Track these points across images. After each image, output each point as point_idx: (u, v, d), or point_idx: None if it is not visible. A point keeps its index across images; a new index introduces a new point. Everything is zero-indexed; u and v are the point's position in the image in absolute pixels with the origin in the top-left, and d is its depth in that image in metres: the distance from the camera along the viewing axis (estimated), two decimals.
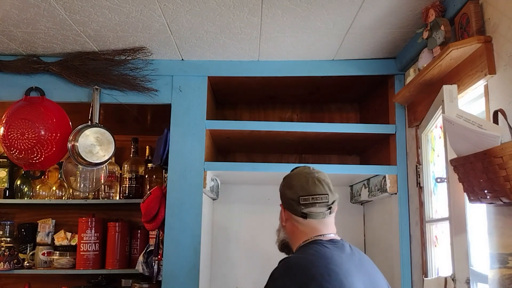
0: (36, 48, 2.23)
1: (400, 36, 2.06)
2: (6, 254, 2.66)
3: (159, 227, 2.31)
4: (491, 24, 1.48)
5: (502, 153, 1.16)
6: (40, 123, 2.24)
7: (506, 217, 1.33)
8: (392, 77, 2.32)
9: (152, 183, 2.86)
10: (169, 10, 1.82)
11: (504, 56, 1.40)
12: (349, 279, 1.36)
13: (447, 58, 1.62)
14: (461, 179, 1.37)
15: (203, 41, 2.12)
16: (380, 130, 2.32)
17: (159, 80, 2.34)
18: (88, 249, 2.70)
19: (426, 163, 2.01)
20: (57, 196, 2.89)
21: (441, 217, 1.87)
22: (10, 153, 2.27)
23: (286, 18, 1.88)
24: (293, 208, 1.56)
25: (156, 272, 2.40)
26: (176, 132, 2.30)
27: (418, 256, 2.06)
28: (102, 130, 2.33)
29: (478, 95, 1.62)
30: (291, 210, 1.57)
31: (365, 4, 1.76)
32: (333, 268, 1.37)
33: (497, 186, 1.20)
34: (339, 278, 1.34)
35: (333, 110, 2.93)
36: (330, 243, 1.49)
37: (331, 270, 1.36)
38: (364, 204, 2.82)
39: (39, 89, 2.31)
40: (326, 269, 1.36)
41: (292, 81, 2.45)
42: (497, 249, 1.36)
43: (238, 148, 2.82)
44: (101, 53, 2.26)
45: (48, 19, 1.92)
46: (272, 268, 1.41)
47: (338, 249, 1.47)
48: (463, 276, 1.47)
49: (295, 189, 1.57)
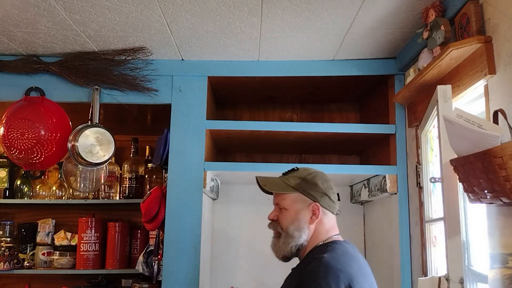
0: (36, 48, 2.23)
1: (400, 36, 2.06)
2: (6, 254, 2.66)
3: (159, 227, 2.31)
4: (491, 24, 1.48)
5: (502, 153, 1.16)
6: (40, 123, 2.24)
7: (506, 217, 1.33)
8: (392, 77, 2.32)
9: (152, 183, 2.86)
10: (169, 10, 1.82)
11: (504, 56, 1.40)
12: (372, 279, 1.46)
13: (447, 58, 1.62)
14: (461, 179, 1.37)
15: (203, 41, 2.12)
16: (380, 130, 2.32)
17: (159, 80, 2.34)
18: (88, 249, 2.70)
19: (426, 163, 2.01)
20: (57, 196, 2.89)
21: (438, 217, 1.87)
22: (10, 153, 2.27)
23: (286, 18, 1.88)
24: (330, 204, 1.55)
25: (156, 272, 2.39)
26: (176, 132, 2.30)
27: (418, 256, 2.06)
28: (102, 130, 2.33)
29: (478, 95, 1.62)
30: (328, 206, 1.54)
31: (365, 4, 1.76)
32: (364, 268, 1.45)
33: (497, 186, 1.20)
34: (370, 278, 1.44)
35: (333, 110, 2.93)
36: (346, 243, 1.53)
37: (364, 270, 1.44)
38: (364, 204, 2.82)
39: (39, 89, 2.31)
40: (360, 269, 1.41)
41: (292, 81, 2.45)
42: (497, 249, 1.36)
43: (238, 148, 2.82)
44: (101, 53, 2.26)
45: (48, 19, 1.92)
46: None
47: (355, 249, 1.52)
48: (457, 276, 1.48)
49: (329, 183, 1.56)
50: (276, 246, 1.56)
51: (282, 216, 1.55)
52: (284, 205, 1.55)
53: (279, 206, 1.58)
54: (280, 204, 1.57)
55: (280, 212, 1.56)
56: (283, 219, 1.55)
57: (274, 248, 1.57)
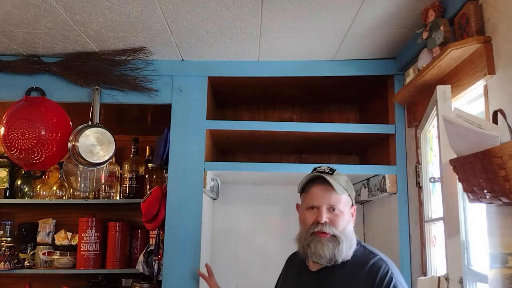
0: (37, 48, 2.23)
1: (399, 36, 2.06)
2: (6, 254, 2.66)
3: (159, 227, 2.31)
4: (491, 24, 1.48)
5: (501, 153, 1.17)
6: (41, 123, 2.24)
7: (506, 217, 1.33)
8: (392, 77, 2.32)
9: (152, 183, 2.86)
10: (169, 10, 1.83)
11: (504, 56, 1.41)
12: None
13: (447, 58, 1.62)
14: (461, 179, 1.38)
15: (203, 41, 2.12)
16: (380, 130, 2.32)
17: (159, 80, 2.34)
18: (89, 249, 2.70)
19: (425, 163, 2.01)
20: (58, 196, 2.89)
21: (438, 217, 1.88)
22: (11, 153, 2.27)
23: (286, 18, 1.89)
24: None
25: (156, 271, 2.40)
26: (176, 132, 2.30)
27: (418, 256, 2.06)
28: (103, 130, 2.33)
29: (477, 95, 1.62)
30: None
31: (365, 5, 1.77)
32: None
33: (497, 186, 1.20)
34: None
35: (333, 110, 2.93)
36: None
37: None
38: (363, 204, 2.83)
39: (40, 89, 2.31)
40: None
41: (292, 81, 2.45)
42: (497, 249, 1.36)
43: (238, 148, 2.82)
44: (101, 53, 2.26)
45: (49, 20, 1.92)
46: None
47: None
48: (456, 276, 1.48)
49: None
50: (333, 249, 1.50)
51: (337, 218, 1.54)
52: (339, 207, 1.54)
53: (332, 207, 1.54)
54: (335, 205, 1.54)
55: (333, 214, 1.54)
56: (340, 221, 1.54)
57: (327, 253, 1.50)
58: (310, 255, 1.52)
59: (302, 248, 1.55)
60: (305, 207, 1.59)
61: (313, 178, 1.59)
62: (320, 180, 1.57)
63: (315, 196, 1.56)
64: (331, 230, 1.51)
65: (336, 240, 1.50)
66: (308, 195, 1.59)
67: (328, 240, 1.50)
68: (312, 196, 1.57)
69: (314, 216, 1.54)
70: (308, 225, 1.54)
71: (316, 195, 1.56)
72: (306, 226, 1.55)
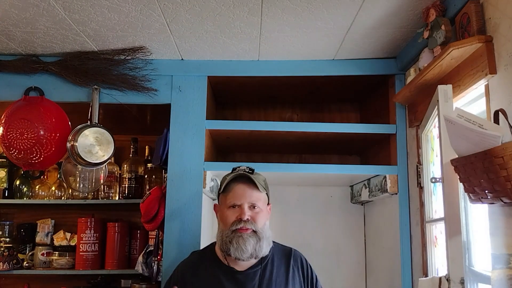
0: (36, 47, 2.22)
1: (400, 35, 2.05)
2: (5, 254, 2.66)
3: (158, 227, 2.30)
4: (492, 23, 1.47)
5: (503, 153, 1.16)
6: (40, 123, 2.23)
7: (508, 217, 1.32)
8: (393, 77, 2.31)
9: (152, 183, 2.86)
10: (169, 9, 1.82)
11: (505, 56, 1.40)
12: None
13: (448, 58, 1.61)
14: (462, 179, 1.37)
15: (203, 40, 2.12)
16: (381, 130, 2.31)
17: (159, 80, 2.33)
18: (88, 249, 2.70)
19: (426, 163, 2.01)
20: (57, 196, 2.89)
21: (439, 217, 1.87)
22: (9, 153, 2.27)
23: (286, 17, 1.88)
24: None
25: (155, 272, 2.39)
26: (176, 132, 2.29)
27: (419, 256, 2.05)
28: (102, 130, 2.32)
29: (478, 95, 1.61)
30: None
31: (366, 4, 1.76)
32: None
33: (498, 186, 1.19)
34: None
35: (333, 110, 2.93)
36: None
37: None
38: (364, 204, 2.82)
39: (39, 89, 2.30)
40: None
41: (292, 81, 2.44)
42: (499, 249, 1.35)
43: (238, 148, 2.81)
44: (100, 52, 2.25)
45: (48, 19, 1.91)
46: None
47: None
48: (457, 276, 1.47)
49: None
50: (254, 245, 1.61)
51: (258, 215, 1.64)
52: (259, 205, 1.66)
53: (253, 205, 1.65)
54: (256, 203, 1.65)
55: (254, 211, 1.65)
56: (260, 218, 1.65)
57: (249, 247, 1.59)
58: (232, 251, 1.59)
59: (224, 245, 1.62)
60: (226, 206, 1.67)
61: (236, 177, 1.69)
62: (243, 179, 1.67)
63: (237, 195, 1.66)
64: (252, 226, 1.61)
65: (257, 236, 1.61)
66: (230, 194, 1.68)
67: (249, 235, 1.61)
68: (235, 194, 1.66)
69: (236, 214, 1.63)
70: (230, 223, 1.63)
71: (238, 194, 1.66)
72: (228, 224, 1.64)
